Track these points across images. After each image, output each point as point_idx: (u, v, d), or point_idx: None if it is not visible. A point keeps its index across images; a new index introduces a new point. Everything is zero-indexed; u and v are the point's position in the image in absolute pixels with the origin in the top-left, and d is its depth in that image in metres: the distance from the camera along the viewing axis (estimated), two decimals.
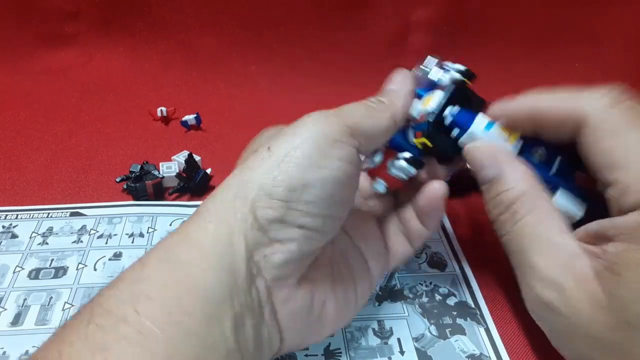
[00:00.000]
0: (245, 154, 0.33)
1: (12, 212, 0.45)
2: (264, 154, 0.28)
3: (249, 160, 0.29)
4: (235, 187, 0.28)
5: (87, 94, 0.66)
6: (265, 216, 0.27)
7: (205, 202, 0.29)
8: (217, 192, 0.29)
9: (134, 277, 0.26)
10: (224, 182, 0.29)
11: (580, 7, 0.68)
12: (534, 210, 0.30)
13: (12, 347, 0.33)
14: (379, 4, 0.67)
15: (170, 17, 0.69)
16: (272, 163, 0.28)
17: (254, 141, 0.34)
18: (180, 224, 0.29)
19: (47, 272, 0.39)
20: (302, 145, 0.28)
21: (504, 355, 0.34)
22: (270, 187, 0.27)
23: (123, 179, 0.49)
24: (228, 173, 0.51)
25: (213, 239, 0.27)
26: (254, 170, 0.28)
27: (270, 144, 0.28)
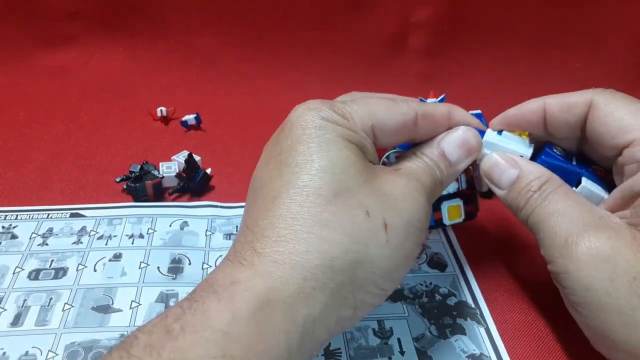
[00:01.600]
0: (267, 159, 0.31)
1: (11, 213, 0.45)
2: (380, 234, 0.27)
3: (355, 223, 0.27)
4: (344, 262, 0.26)
5: (86, 94, 0.66)
6: (364, 300, 0.28)
7: (302, 257, 0.26)
8: (320, 254, 0.26)
9: (220, 327, 0.24)
10: (322, 238, 0.26)
11: (580, 7, 0.68)
12: (563, 185, 0.32)
13: (12, 348, 0.33)
14: (379, 4, 0.67)
15: (170, 17, 0.69)
16: (387, 251, 0.27)
17: (274, 146, 0.31)
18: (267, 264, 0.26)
19: (47, 273, 0.39)
20: (412, 238, 0.29)
21: (504, 355, 0.34)
22: (380, 277, 0.28)
23: (123, 179, 0.49)
24: (228, 173, 0.52)
25: (310, 310, 0.25)
26: (368, 249, 0.27)
27: (387, 220, 0.27)
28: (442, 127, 0.33)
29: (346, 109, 0.30)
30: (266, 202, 0.28)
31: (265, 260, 0.26)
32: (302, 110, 0.30)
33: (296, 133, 0.29)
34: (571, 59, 0.69)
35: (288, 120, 0.30)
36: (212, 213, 0.45)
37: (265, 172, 0.30)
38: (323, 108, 0.29)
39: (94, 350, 0.33)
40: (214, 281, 0.26)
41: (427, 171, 0.31)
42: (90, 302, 0.37)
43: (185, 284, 0.38)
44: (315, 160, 0.28)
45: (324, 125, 0.29)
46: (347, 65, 0.68)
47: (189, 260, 0.40)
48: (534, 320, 0.37)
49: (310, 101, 0.30)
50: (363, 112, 0.30)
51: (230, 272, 0.26)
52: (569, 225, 0.30)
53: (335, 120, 0.29)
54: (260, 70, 0.69)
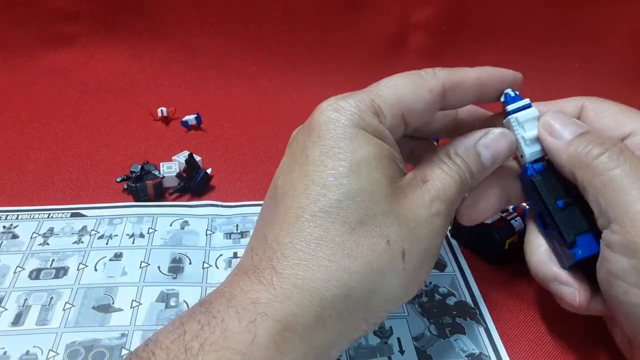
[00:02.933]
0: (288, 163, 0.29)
1: (12, 213, 0.45)
2: (398, 264, 0.27)
3: (375, 253, 0.26)
4: (361, 293, 0.26)
5: (87, 94, 0.66)
6: (375, 323, 0.28)
7: (322, 284, 0.25)
8: (339, 284, 0.26)
9: (240, 348, 0.23)
10: (341, 267, 0.26)
11: (580, 7, 0.68)
12: (635, 154, 0.29)
13: (13, 347, 0.33)
14: (379, 4, 0.67)
15: (171, 17, 0.69)
16: (402, 279, 0.27)
17: (300, 150, 0.29)
18: (286, 288, 0.25)
19: (48, 272, 0.39)
20: (427, 266, 0.29)
21: (503, 355, 0.34)
22: (392, 305, 0.28)
23: (124, 179, 0.49)
24: (228, 173, 0.52)
25: (327, 336, 0.26)
26: (385, 279, 0.27)
27: (406, 250, 0.27)
28: (473, 96, 0.31)
29: (375, 102, 0.29)
30: (289, 218, 0.27)
31: (286, 282, 0.25)
32: (330, 112, 0.28)
33: (325, 143, 0.27)
34: (571, 59, 0.69)
35: (315, 123, 0.28)
36: (213, 212, 0.46)
37: (288, 180, 0.28)
38: (352, 108, 0.28)
39: (95, 350, 0.33)
40: (232, 296, 0.25)
41: (457, 179, 0.30)
42: (91, 302, 0.37)
43: (185, 284, 0.38)
44: (344, 185, 0.27)
45: (354, 136, 0.27)
46: (347, 65, 0.68)
47: (190, 259, 0.41)
48: (533, 319, 0.37)
49: (337, 99, 0.29)
50: (391, 100, 0.29)
51: (249, 289, 0.25)
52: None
53: (366, 125, 0.28)
54: (260, 70, 0.69)
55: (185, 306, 0.37)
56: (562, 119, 0.31)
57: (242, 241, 0.43)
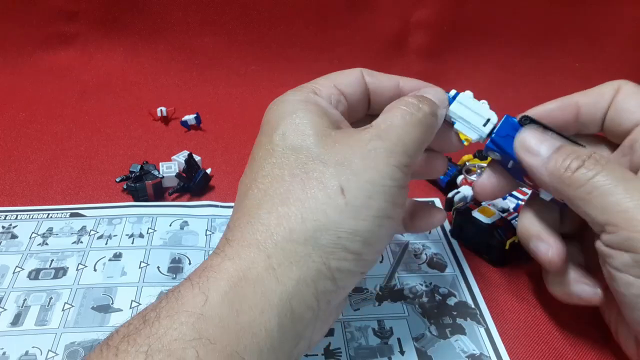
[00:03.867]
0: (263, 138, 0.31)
1: (11, 213, 0.45)
2: (337, 199, 0.27)
3: (309, 194, 0.27)
4: (304, 232, 0.27)
5: (87, 94, 0.66)
6: (339, 268, 0.27)
7: (264, 235, 0.27)
8: (279, 229, 0.27)
9: (194, 310, 0.24)
10: (280, 214, 0.27)
11: (580, 7, 0.68)
12: (610, 161, 0.31)
13: (12, 348, 0.33)
14: (379, 4, 0.67)
15: (170, 17, 0.69)
16: (348, 213, 0.27)
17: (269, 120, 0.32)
18: (235, 248, 0.27)
19: (47, 272, 0.39)
20: (378, 197, 0.28)
21: (504, 355, 0.34)
22: (348, 240, 0.27)
23: (123, 179, 0.49)
24: (228, 173, 0.52)
25: (282, 287, 0.26)
26: (327, 215, 0.27)
27: (343, 185, 0.27)
28: (393, 95, 0.34)
29: (312, 86, 0.33)
30: (240, 199, 0.30)
31: (234, 245, 0.27)
32: (275, 102, 0.32)
33: (263, 128, 0.31)
34: (571, 59, 0.69)
35: (265, 114, 0.32)
36: (212, 212, 0.45)
37: (244, 173, 0.31)
38: (292, 93, 0.32)
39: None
40: (191, 273, 0.27)
41: (402, 116, 0.30)
42: (90, 302, 0.37)
43: None
44: (275, 149, 0.29)
45: (288, 106, 0.30)
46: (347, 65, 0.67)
47: (189, 259, 0.40)
48: (533, 320, 0.37)
49: (284, 93, 0.32)
50: (326, 81, 0.33)
51: (205, 263, 0.27)
52: (633, 194, 0.28)
53: (298, 98, 0.31)
54: (260, 70, 0.69)
55: None
56: (536, 135, 0.32)
57: None
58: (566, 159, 0.31)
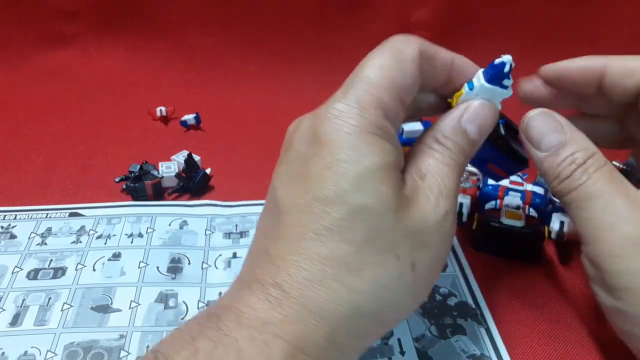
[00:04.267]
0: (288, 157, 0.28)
1: (10, 213, 0.45)
2: (407, 276, 0.26)
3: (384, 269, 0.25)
4: (371, 309, 0.25)
5: (86, 94, 0.66)
6: (384, 333, 0.27)
7: (330, 305, 0.25)
8: (348, 305, 0.25)
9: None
10: (350, 287, 0.25)
11: (580, 7, 0.68)
12: (607, 164, 0.31)
13: (11, 348, 0.33)
14: (379, 4, 0.67)
15: (170, 17, 0.69)
16: (412, 291, 0.27)
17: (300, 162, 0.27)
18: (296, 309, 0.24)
19: (46, 272, 0.39)
20: (438, 272, 0.28)
21: (504, 356, 0.34)
22: (404, 316, 0.28)
23: (122, 179, 0.48)
24: (228, 173, 0.52)
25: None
26: (395, 293, 0.26)
27: (415, 260, 0.26)
28: (443, 74, 0.31)
29: (374, 95, 0.27)
30: (292, 236, 0.26)
31: (294, 303, 0.24)
32: (331, 119, 0.26)
33: (327, 155, 0.26)
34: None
35: (316, 133, 0.27)
36: (212, 212, 0.45)
37: (289, 194, 0.27)
38: (353, 111, 0.26)
39: (93, 351, 0.33)
40: (241, 314, 0.24)
41: (453, 164, 0.29)
42: (89, 302, 0.36)
43: (184, 284, 0.38)
44: (348, 202, 0.25)
45: (358, 144, 0.26)
46: (347, 66, 0.67)
47: (189, 259, 0.40)
48: (534, 320, 0.37)
49: (334, 101, 0.27)
50: (386, 85, 0.27)
51: (258, 307, 0.24)
52: (612, 209, 0.29)
53: (370, 126, 0.26)
54: (260, 70, 0.69)
55: (184, 307, 0.36)
56: (541, 126, 0.31)
57: (242, 241, 0.43)
58: (558, 166, 0.30)
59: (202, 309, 0.36)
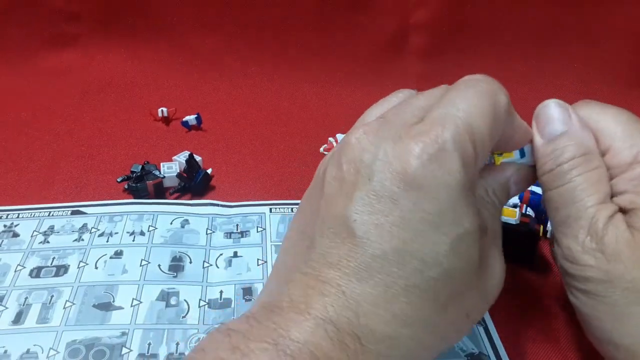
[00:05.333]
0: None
1: (13, 212, 0.45)
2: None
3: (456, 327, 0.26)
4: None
5: (88, 94, 0.66)
6: None
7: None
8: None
9: None
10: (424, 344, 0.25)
11: (580, 7, 0.68)
12: (598, 168, 0.29)
13: (14, 346, 0.33)
14: (379, 4, 0.67)
15: (171, 17, 0.69)
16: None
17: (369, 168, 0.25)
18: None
19: (48, 270, 0.39)
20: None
21: (502, 355, 0.34)
22: None
23: (124, 179, 0.49)
24: (229, 173, 0.52)
25: None
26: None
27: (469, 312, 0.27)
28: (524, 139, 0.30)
29: (472, 140, 0.25)
30: (376, 284, 0.24)
31: (370, 357, 0.23)
32: (428, 163, 0.24)
33: (428, 211, 0.24)
34: (571, 59, 0.69)
35: (408, 170, 0.24)
36: (213, 212, 0.46)
37: (375, 235, 0.24)
38: (457, 161, 0.24)
39: (95, 348, 0.33)
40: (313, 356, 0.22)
41: (497, 216, 0.29)
42: (92, 300, 0.37)
43: (186, 282, 0.38)
44: (444, 264, 0.24)
45: (459, 201, 0.24)
46: (347, 66, 0.69)
47: (190, 258, 0.41)
48: (533, 319, 0.37)
49: (430, 139, 0.24)
50: (483, 133, 0.25)
51: (333, 355, 0.22)
52: (588, 216, 0.28)
53: (469, 181, 0.25)
54: (260, 70, 0.69)
55: (185, 305, 0.37)
56: (551, 113, 0.30)
57: (242, 241, 0.43)
58: (549, 155, 0.29)
59: (203, 307, 0.37)
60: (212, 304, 0.37)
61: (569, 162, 0.29)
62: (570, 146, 0.29)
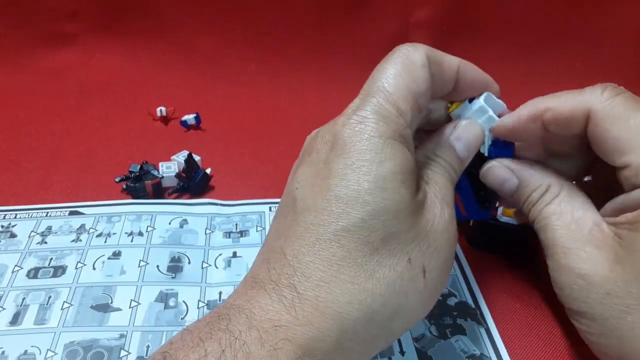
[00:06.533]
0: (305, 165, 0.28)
1: (11, 212, 0.45)
2: (419, 281, 0.26)
3: (397, 273, 0.26)
4: (384, 315, 0.25)
5: (86, 93, 0.66)
6: (392, 342, 0.27)
7: (344, 308, 0.25)
8: (362, 307, 0.25)
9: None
10: (365, 290, 0.25)
11: (580, 7, 0.68)
12: (559, 195, 0.32)
13: (11, 347, 0.33)
14: (379, 4, 0.67)
15: (170, 17, 0.69)
16: (423, 297, 0.27)
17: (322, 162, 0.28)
18: (308, 310, 0.24)
19: (46, 271, 0.39)
20: (447, 277, 0.28)
21: (504, 356, 0.34)
22: (413, 324, 0.28)
23: (122, 179, 0.48)
24: (228, 173, 0.52)
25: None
26: (407, 299, 0.26)
27: (425, 265, 0.26)
28: (448, 84, 0.31)
29: (392, 101, 0.27)
30: (309, 236, 0.26)
31: (307, 305, 0.24)
32: (353, 124, 0.27)
33: (350, 156, 0.26)
34: (571, 59, 0.69)
35: (339, 136, 0.27)
36: (212, 211, 0.45)
37: (309, 193, 0.27)
38: (375, 116, 0.27)
39: (93, 350, 0.33)
40: (252, 315, 0.24)
41: (448, 177, 0.30)
42: (89, 301, 0.36)
43: (184, 283, 0.38)
44: (369, 202, 0.25)
45: (381, 147, 0.26)
46: (347, 66, 0.68)
47: (189, 259, 0.40)
48: (534, 320, 0.37)
49: (355, 109, 0.28)
50: (402, 92, 0.28)
51: (270, 308, 0.24)
52: (561, 240, 0.31)
53: (392, 132, 0.27)
54: (260, 69, 0.69)
55: (184, 307, 0.36)
56: (497, 177, 0.33)
57: (242, 240, 0.43)
58: (520, 205, 0.33)
59: (202, 308, 0.37)
60: (211, 305, 0.37)
61: (537, 203, 0.32)
62: (534, 194, 0.32)
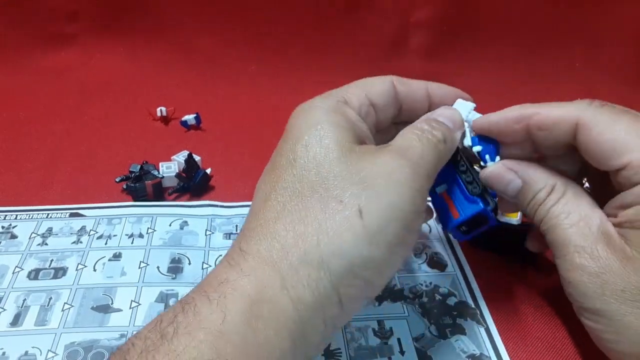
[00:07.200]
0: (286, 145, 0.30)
1: (11, 213, 0.45)
2: (355, 222, 0.26)
3: (327, 214, 0.26)
4: (319, 255, 0.26)
5: (86, 94, 0.66)
6: (348, 294, 0.26)
7: (279, 253, 0.26)
8: (295, 249, 0.26)
9: (213, 328, 0.24)
10: (297, 233, 0.26)
11: (580, 7, 0.68)
12: (565, 194, 0.32)
13: (12, 348, 0.33)
14: (379, 4, 0.67)
15: (170, 17, 0.69)
16: (364, 238, 0.26)
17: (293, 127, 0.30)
18: (251, 263, 0.26)
19: (47, 272, 0.39)
20: (396, 222, 0.27)
21: (504, 355, 0.34)
22: (360, 268, 0.26)
23: (123, 179, 0.48)
24: (228, 173, 0.52)
25: (296, 311, 0.25)
26: (342, 240, 0.26)
27: (362, 207, 0.26)
28: (423, 103, 0.35)
29: (343, 94, 0.32)
30: (258, 205, 0.29)
31: (250, 260, 0.26)
32: (300, 109, 0.31)
33: (286, 135, 0.30)
34: (571, 59, 0.69)
35: (288, 123, 0.31)
36: (212, 212, 0.45)
37: (262, 176, 0.31)
38: (319, 101, 0.31)
39: (94, 350, 0.33)
40: (205, 283, 0.26)
41: (419, 139, 0.30)
42: (90, 302, 0.37)
43: (185, 284, 0.38)
44: (297, 160, 0.28)
45: (313, 117, 0.30)
46: (347, 66, 0.68)
47: (189, 260, 0.40)
48: (534, 320, 0.37)
49: (312, 99, 0.31)
50: (357, 90, 0.32)
51: (219, 272, 0.26)
52: (573, 238, 0.31)
53: (332, 109, 0.30)
54: (260, 69, 0.69)
55: None
56: (500, 178, 0.33)
57: None
58: (526, 206, 0.33)
59: None
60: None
61: (543, 203, 0.32)
62: (540, 193, 0.32)
